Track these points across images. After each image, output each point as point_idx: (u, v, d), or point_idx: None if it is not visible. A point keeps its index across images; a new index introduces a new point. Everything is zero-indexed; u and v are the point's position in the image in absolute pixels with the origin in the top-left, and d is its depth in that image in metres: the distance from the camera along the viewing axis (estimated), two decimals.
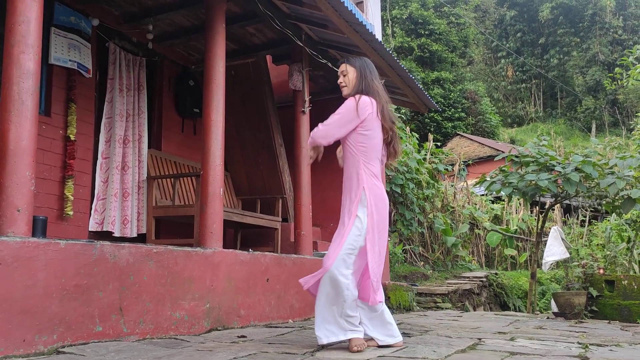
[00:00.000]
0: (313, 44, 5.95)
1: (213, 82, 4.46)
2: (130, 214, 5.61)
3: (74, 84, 5.20)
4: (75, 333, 2.95)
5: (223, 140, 4.47)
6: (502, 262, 12.51)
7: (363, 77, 3.30)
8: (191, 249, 3.87)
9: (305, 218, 5.61)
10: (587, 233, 12.88)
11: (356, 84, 3.31)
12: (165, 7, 5.43)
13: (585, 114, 36.50)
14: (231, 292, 4.14)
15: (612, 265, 8.79)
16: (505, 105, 39.92)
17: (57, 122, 5.08)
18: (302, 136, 5.71)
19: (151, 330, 3.40)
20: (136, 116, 5.84)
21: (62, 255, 2.93)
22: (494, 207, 13.70)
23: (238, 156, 6.96)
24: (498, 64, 41.00)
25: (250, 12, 5.36)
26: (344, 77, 3.36)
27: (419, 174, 10.25)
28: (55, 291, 2.87)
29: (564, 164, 6.52)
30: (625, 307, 6.25)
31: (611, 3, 36.89)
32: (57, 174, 5.05)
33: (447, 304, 7.83)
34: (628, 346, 3.59)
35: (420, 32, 29.41)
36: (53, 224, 4.91)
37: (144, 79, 6.00)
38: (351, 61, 3.38)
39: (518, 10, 39.79)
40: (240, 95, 6.76)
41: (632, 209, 6.25)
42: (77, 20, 5.20)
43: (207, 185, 4.34)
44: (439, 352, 3.02)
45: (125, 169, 5.63)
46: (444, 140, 25.02)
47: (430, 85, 27.36)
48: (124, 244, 3.33)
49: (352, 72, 3.34)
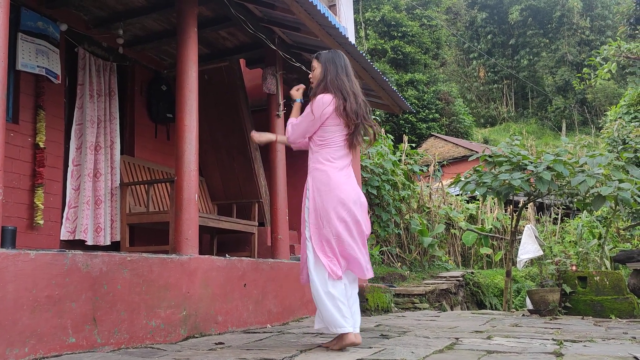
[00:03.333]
0: (286, 47, 5.94)
1: (186, 86, 4.42)
2: (103, 222, 5.51)
3: (43, 91, 5.09)
4: (47, 345, 2.88)
5: (197, 146, 4.43)
6: (478, 261, 12.66)
7: (326, 72, 3.30)
8: (166, 256, 3.82)
9: (281, 222, 5.59)
10: (560, 230, 13.10)
11: (319, 80, 3.33)
12: (135, 12, 5.36)
13: (556, 114, 37.21)
14: (208, 299, 4.09)
15: (584, 261, 8.97)
16: (478, 106, 40.45)
17: (25, 130, 4.97)
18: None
19: (126, 340, 3.34)
20: (108, 122, 5.74)
21: (32, 266, 2.86)
22: (469, 207, 13.86)
23: (213, 161, 6.90)
24: (470, 65, 41.53)
25: (223, 15, 5.33)
26: (313, 72, 3.40)
27: (395, 176, 10.31)
28: (26, 303, 2.80)
29: (536, 163, 6.62)
30: (598, 303, 6.37)
31: (578, 4, 37.71)
32: (27, 182, 4.94)
33: (424, 304, 7.88)
34: (601, 341, 3.65)
35: (393, 34, 29.63)
36: (23, 233, 4.79)
37: (115, 84, 5.91)
38: (319, 56, 3.39)
39: (488, 13, 40.39)
40: (214, 100, 6.71)
41: (602, 206, 6.38)
42: (44, 26, 5.10)
43: (182, 191, 4.29)
44: (417, 353, 3.03)
45: (97, 176, 5.54)
46: (418, 142, 25.21)
47: (404, 87, 27.58)
48: (96, 253, 3.27)
49: (318, 67, 3.36)
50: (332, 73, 3.29)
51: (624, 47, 10.90)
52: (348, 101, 3.24)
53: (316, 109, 3.22)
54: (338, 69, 3.31)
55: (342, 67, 3.34)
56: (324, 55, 3.38)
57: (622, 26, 29.75)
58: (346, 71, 3.34)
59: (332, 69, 3.30)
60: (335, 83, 3.27)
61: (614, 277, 6.52)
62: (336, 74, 3.29)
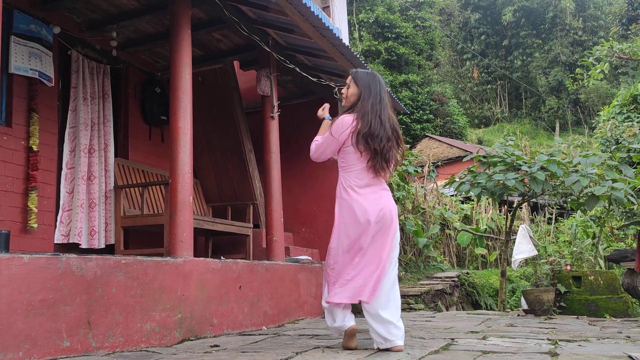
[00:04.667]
0: (280, 49, 5.94)
1: (180, 89, 4.41)
2: (98, 225, 5.49)
3: (36, 93, 5.07)
4: (42, 349, 2.86)
5: (191, 148, 4.42)
6: (473, 261, 12.68)
7: (361, 98, 3.29)
8: (161, 259, 3.80)
9: (276, 224, 5.59)
10: (554, 230, 13.15)
11: (352, 101, 3.34)
12: (128, 14, 5.35)
13: (549, 114, 37.36)
14: (203, 301, 4.09)
15: (578, 261, 9.01)
16: (472, 107, 40.57)
17: (18, 133, 4.95)
18: (272, 141, 5.69)
19: (121, 344, 3.33)
20: (101, 125, 5.72)
21: (26, 270, 2.85)
22: (464, 207, 13.88)
23: (207, 163, 6.89)
24: (464, 66, 41.66)
25: (216, 17, 5.32)
26: (347, 89, 3.38)
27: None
28: (20, 307, 2.79)
29: (530, 164, 6.65)
30: (592, 302, 6.39)
31: (571, 5, 37.89)
32: (20, 186, 4.92)
33: (420, 305, 7.88)
34: (596, 341, 3.67)
35: (387, 35, 29.69)
36: (16, 237, 4.77)
37: (109, 87, 5.89)
38: (358, 76, 3.35)
39: (482, 14, 40.53)
40: (208, 102, 6.70)
41: (596, 205, 6.40)
42: (37, 29, 5.08)
43: (176, 193, 4.28)
44: (412, 354, 3.04)
45: (91, 179, 5.52)
46: (413, 142, 25.27)
47: (398, 88, 27.64)
48: (91, 256, 3.26)
49: (353, 87, 3.35)
50: (366, 99, 3.27)
51: (617, 47, 10.95)
52: (371, 126, 3.20)
53: (335, 129, 3.27)
54: (372, 94, 3.28)
55: (377, 92, 3.29)
56: (361, 76, 3.35)
57: (614, 26, 29.94)
58: (380, 96, 3.30)
59: (366, 95, 3.28)
60: (364, 107, 3.26)
61: (608, 277, 6.55)
62: (368, 97, 3.27)
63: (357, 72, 3.40)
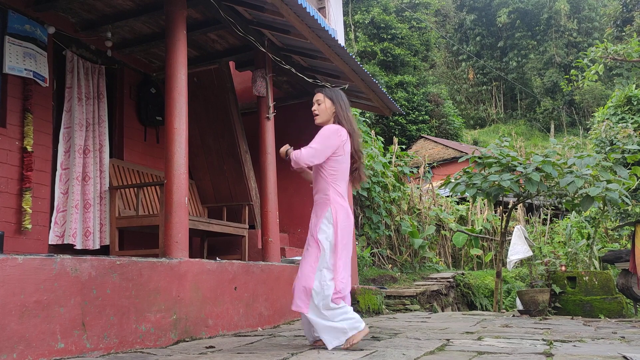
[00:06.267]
0: (276, 49, 5.93)
1: (175, 89, 4.40)
2: (93, 226, 5.47)
3: (30, 94, 5.05)
4: (36, 351, 2.85)
5: (187, 149, 4.41)
6: (468, 262, 12.70)
7: (338, 108, 3.55)
8: (156, 260, 3.79)
9: (272, 225, 5.58)
10: (549, 231, 13.20)
11: (330, 114, 3.56)
12: (124, 14, 5.33)
13: (544, 115, 37.49)
14: (198, 302, 4.08)
15: (573, 262, 9.04)
16: (468, 108, 40.66)
17: (13, 133, 4.93)
18: (267, 142, 5.69)
19: (116, 345, 3.31)
20: (96, 125, 5.71)
21: (20, 271, 2.83)
22: (459, 208, 13.91)
23: (203, 164, 6.88)
24: (459, 67, 41.75)
25: (212, 18, 5.32)
26: (318, 105, 3.58)
27: (385, 177, 10.33)
28: (14, 308, 2.78)
29: (525, 165, 6.67)
30: (587, 303, 6.41)
31: (566, 7, 38.03)
32: (14, 186, 4.89)
33: (415, 306, 7.89)
34: (591, 341, 3.68)
35: (383, 36, 29.73)
36: (11, 238, 4.75)
37: (104, 87, 5.88)
38: (327, 92, 3.62)
39: (477, 15, 40.65)
40: (203, 102, 6.69)
41: (590, 206, 6.43)
42: (32, 29, 5.06)
43: (172, 194, 4.26)
44: (408, 354, 3.04)
45: (86, 179, 5.50)
46: (408, 143, 25.29)
47: (393, 89, 27.67)
48: (85, 257, 3.24)
49: (326, 101, 3.57)
50: (343, 109, 3.56)
51: (611, 48, 10.99)
52: (355, 137, 3.56)
53: (337, 135, 3.42)
54: (345, 106, 3.58)
55: (347, 105, 3.61)
56: (330, 91, 3.62)
57: (609, 28, 30.07)
58: (349, 110, 3.63)
59: (342, 105, 3.57)
60: (347, 119, 3.54)
61: (603, 277, 6.57)
62: (345, 110, 3.57)
63: (325, 89, 3.68)
